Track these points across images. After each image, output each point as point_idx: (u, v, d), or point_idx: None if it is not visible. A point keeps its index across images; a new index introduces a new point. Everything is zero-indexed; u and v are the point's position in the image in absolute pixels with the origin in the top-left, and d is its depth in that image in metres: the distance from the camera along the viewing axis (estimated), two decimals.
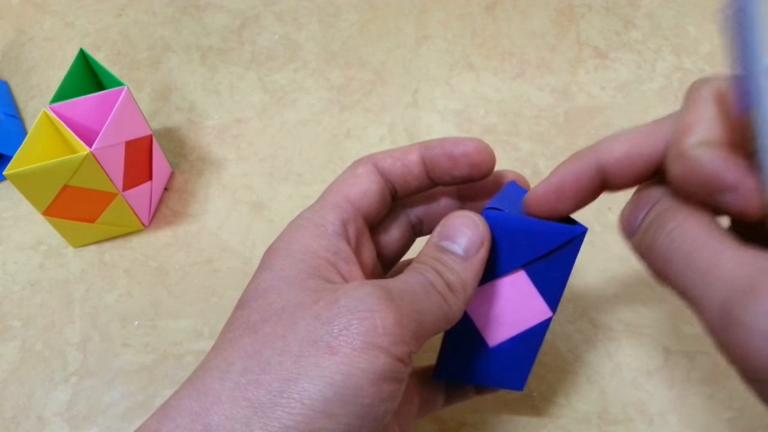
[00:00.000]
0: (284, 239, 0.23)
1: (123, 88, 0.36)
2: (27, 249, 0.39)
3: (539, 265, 0.24)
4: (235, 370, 0.20)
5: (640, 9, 0.49)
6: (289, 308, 0.21)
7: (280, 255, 0.23)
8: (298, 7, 0.51)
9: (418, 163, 0.26)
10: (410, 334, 0.20)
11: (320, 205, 0.25)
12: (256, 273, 0.23)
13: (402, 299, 0.21)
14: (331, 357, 0.19)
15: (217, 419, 0.19)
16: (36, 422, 0.33)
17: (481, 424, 0.32)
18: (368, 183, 0.25)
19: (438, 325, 0.22)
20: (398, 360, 0.20)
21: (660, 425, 0.32)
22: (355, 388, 0.19)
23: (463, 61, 0.47)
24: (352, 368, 0.19)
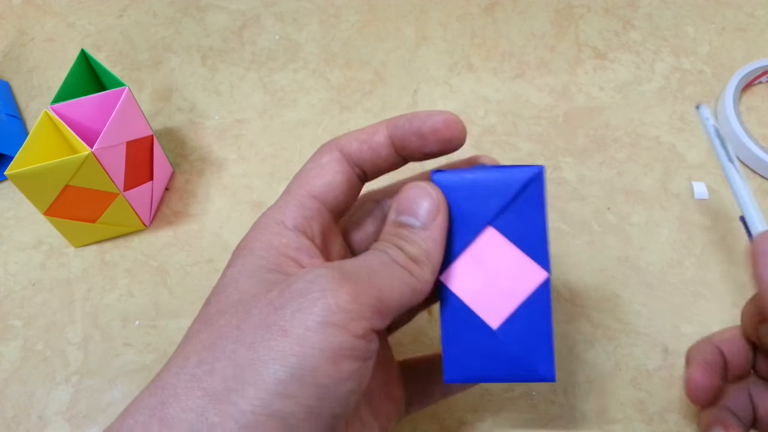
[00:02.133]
0: (248, 238, 0.23)
1: (124, 89, 0.36)
2: (28, 249, 0.39)
3: (507, 218, 0.23)
4: (191, 363, 0.20)
5: (639, 10, 0.50)
6: (245, 299, 0.21)
7: (243, 254, 0.23)
8: (299, 8, 0.51)
9: (386, 145, 0.25)
10: (370, 309, 0.20)
11: (284, 201, 0.24)
12: (222, 272, 0.23)
13: (358, 276, 0.21)
14: (284, 339, 0.19)
15: (172, 411, 0.19)
16: (37, 421, 0.33)
17: (481, 423, 0.32)
18: (333, 174, 0.24)
19: (405, 298, 0.22)
20: (358, 337, 0.20)
21: (659, 424, 0.32)
22: (311, 368, 0.19)
23: (462, 62, 0.47)
24: (307, 348, 0.19)
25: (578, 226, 0.39)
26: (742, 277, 0.36)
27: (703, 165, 0.41)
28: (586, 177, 0.41)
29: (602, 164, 0.41)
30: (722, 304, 0.35)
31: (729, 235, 0.38)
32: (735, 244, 0.37)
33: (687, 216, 0.39)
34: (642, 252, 0.37)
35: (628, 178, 0.40)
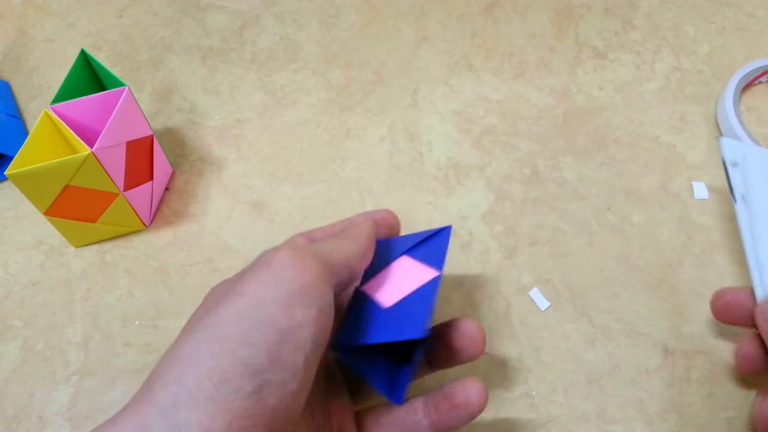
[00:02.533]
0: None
1: (124, 89, 0.36)
2: (28, 249, 0.39)
3: (418, 249, 0.30)
4: (171, 350, 0.22)
5: (639, 10, 0.50)
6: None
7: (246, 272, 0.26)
8: (299, 8, 0.51)
9: None
10: (316, 261, 0.24)
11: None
12: None
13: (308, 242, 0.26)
14: (241, 298, 0.22)
15: (163, 397, 0.21)
16: (37, 421, 0.33)
17: (480, 423, 0.32)
18: None
19: (349, 255, 0.26)
20: (306, 285, 0.23)
21: (659, 424, 0.32)
22: (267, 315, 0.22)
23: (462, 62, 0.47)
24: (260, 301, 0.22)
25: (578, 226, 0.39)
26: (742, 277, 0.36)
27: (703, 165, 0.41)
28: (586, 177, 0.41)
29: (602, 164, 0.41)
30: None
31: (729, 235, 0.38)
32: (735, 244, 0.37)
33: (687, 216, 0.39)
34: (642, 252, 0.37)
35: (628, 178, 0.40)
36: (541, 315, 0.35)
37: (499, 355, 0.34)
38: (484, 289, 0.36)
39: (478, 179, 0.41)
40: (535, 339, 0.34)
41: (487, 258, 0.37)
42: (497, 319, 0.35)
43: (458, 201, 0.40)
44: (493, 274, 0.37)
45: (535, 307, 0.36)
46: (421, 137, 0.43)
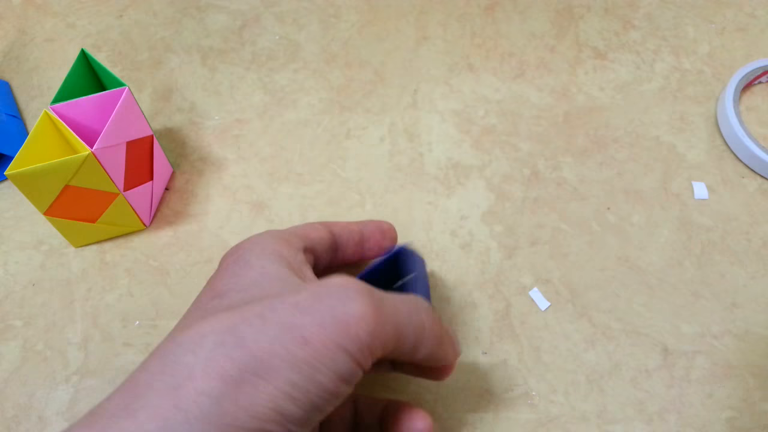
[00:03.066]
0: (254, 243, 0.25)
1: (124, 89, 0.36)
2: (28, 249, 0.39)
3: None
4: (207, 342, 0.20)
5: (639, 10, 0.50)
6: (272, 294, 0.22)
7: (255, 254, 0.24)
8: (299, 8, 0.51)
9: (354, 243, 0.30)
10: (381, 344, 0.21)
11: (283, 230, 0.27)
12: (230, 268, 0.24)
13: (386, 309, 0.22)
14: (303, 347, 0.20)
15: (188, 394, 0.19)
16: (37, 422, 0.33)
17: (480, 423, 0.32)
18: (322, 238, 0.28)
19: (409, 343, 0.23)
20: (359, 366, 0.21)
21: (659, 424, 0.32)
22: (317, 382, 0.20)
23: (462, 62, 0.47)
24: (319, 364, 0.20)
25: (578, 226, 0.39)
26: (742, 277, 0.36)
27: (703, 165, 0.41)
28: (586, 177, 0.41)
29: (602, 164, 0.41)
30: (722, 304, 0.35)
31: (729, 235, 0.38)
32: (735, 244, 0.37)
33: (687, 216, 0.39)
34: (642, 252, 0.37)
35: (628, 178, 0.40)
36: (541, 315, 0.35)
37: (499, 355, 0.34)
38: (484, 289, 0.36)
39: (478, 179, 0.41)
40: (535, 339, 0.34)
41: (487, 258, 0.37)
42: (497, 319, 0.35)
43: (458, 201, 0.40)
44: (493, 274, 0.37)
45: (535, 307, 0.36)
46: (421, 137, 0.43)
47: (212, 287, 0.24)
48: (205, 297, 0.23)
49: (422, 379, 0.33)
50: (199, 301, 0.23)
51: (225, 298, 0.22)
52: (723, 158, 0.41)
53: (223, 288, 0.23)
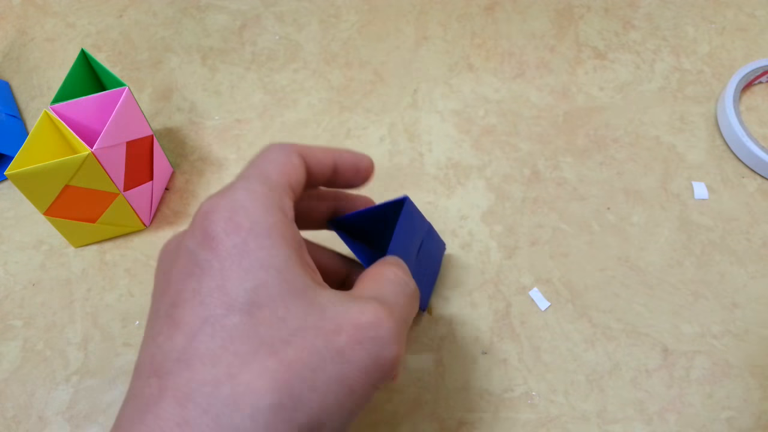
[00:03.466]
0: (249, 217, 0.20)
1: (124, 89, 0.36)
2: (28, 249, 0.39)
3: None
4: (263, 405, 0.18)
5: (639, 10, 0.50)
6: (307, 326, 0.20)
7: (259, 243, 0.20)
8: (299, 8, 0.51)
9: (330, 169, 0.26)
10: (403, 351, 0.22)
11: (264, 177, 0.22)
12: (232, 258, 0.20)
13: (404, 330, 0.22)
14: (350, 396, 0.20)
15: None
16: (37, 421, 0.33)
17: (480, 423, 0.32)
18: (301, 176, 0.24)
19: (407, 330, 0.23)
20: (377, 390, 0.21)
21: (659, 424, 0.32)
22: (354, 416, 0.20)
23: (462, 62, 0.47)
24: (360, 407, 0.20)
25: (578, 226, 0.39)
26: (742, 277, 0.36)
27: (703, 165, 0.41)
28: (586, 177, 0.41)
29: (602, 164, 0.41)
30: (722, 304, 0.35)
31: (729, 235, 0.38)
32: (735, 244, 0.37)
33: (687, 216, 0.39)
34: (642, 252, 0.37)
35: (628, 178, 0.40)
36: (541, 315, 0.35)
37: (499, 355, 0.34)
38: (484, 289, 0.36)
39: (478, 179, 0.41)
40: (535, 339, 0.34)
41: (487, 258, 0.37)
42: (497, 319, 0.35)
43: (458, 201, 0.40)
44: (493, 274, 0.37)
45: (535, 307, 0.36)
46: (421, 137, 0.43)
47: (222, 287, 0.19)
48: (215, 299, 0.19)
49: (422, 379, 0.33)
50: (208, 305, 0.19)
51: (251, 316, 0.19)
52: (723, 158, 0.41)
53: (237, 295, 0.19)
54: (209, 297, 0.19)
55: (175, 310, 0.20)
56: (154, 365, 0.19)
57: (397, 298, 0.23)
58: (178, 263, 0.21)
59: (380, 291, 0.23)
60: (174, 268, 0.21)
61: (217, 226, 0.20)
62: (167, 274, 0.21)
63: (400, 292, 0.24)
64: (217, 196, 0.21)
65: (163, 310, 0.20)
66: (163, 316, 0.20)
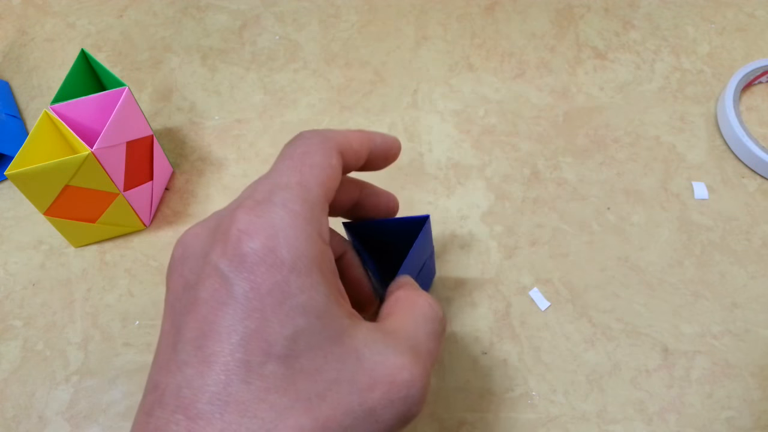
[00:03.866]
0: (290, 245, 0.19)
1: (124, 89, 0.36)
2: (28, 249, 0.39)
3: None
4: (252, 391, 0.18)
5: (639, 10, 0.50)
6: (342, 382, 0.19)
7: (298, 280, 0.19)
8: (299, 8, 0.51)
9: (364, 157, 0.25)
10: (428, 390, 0.21)
11: (313, 200, 0.21)
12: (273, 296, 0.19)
13: (430, 368, 0.22)
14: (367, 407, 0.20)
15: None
16: (37, 421, 0.33)
17: (480, 423, 0.32)
18: (338, 179, 0.23)
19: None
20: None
21: (659, 424, 0.32)
22: None
23: (462, 62, 0.47)
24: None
25: (578, 226, 0.39)
26: (742, 277, 0.36)
27: (703, 165, 0.41)
28: (586, 177, 0.41)
29: (602, 164, 0.41)
30: (722, 304, 0.35)
31: (729, 235, 0.38)
32: (735, 244, 0.37)
33: (687, 216, 0.39)
34: (642, 252, 0.37)
35: (628, 178, 0.40)
36: (541, 315, 0.35)
37: (499, 355, 0.34)
38: (484, 289, 0.36)
39: (478, 179, 0.41)
40: (535, 339, 0.34)
41: (487, 258, 0.37)
42: (497, 319, 0.35)
43: (458, 201, 0.40)
44: (493, 274, 0.37)
45: (535, 307, 0.36)
46: (421, 137, 0.43)
47: (261, 331, 0.18)
48: (254, 345, 0.18)
49: None
50: (246, 348, 0.18)
51: (288, 367, 0.18)
52: (723, 158, 0.41)
53: (276, 342, 0.18)
54: (248, 340, 0.18)
55: (206, 343, 0.18)
56: (181, 400, 0.18)
57: (429, 343, 0.22)
58: (207, 282, 0.19)
59: (416, 333, 0.22)
60: (201, 285, 0.19)
61: (255, 255, 0.18)
62: (191, 289, 0.20)
63: (433, 332, 0.23)
64: (253, 211, 0.19)
65: (191, 336, 0.19)
66: (190, 343, 0.19)
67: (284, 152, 0.22)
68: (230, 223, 0.19)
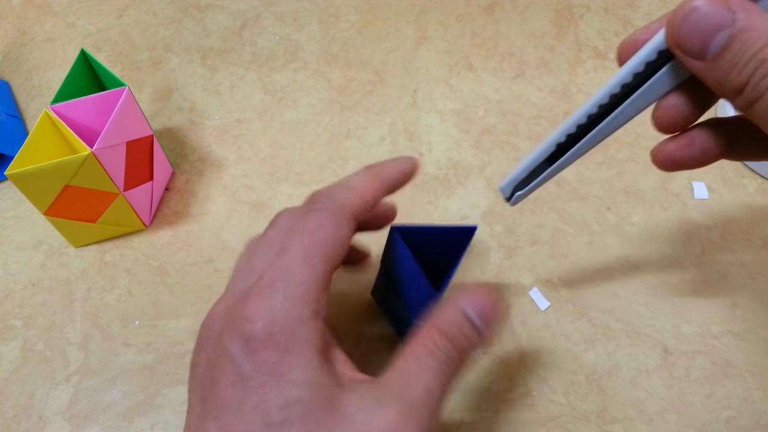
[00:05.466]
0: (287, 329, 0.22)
1: (124, 89, 0.36)
2: (28, 249, 0.39)
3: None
4: None
5: (639, 10, 0.50)
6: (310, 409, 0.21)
7: (298, 362, 0.22)
8: (299, 8, 0.51)
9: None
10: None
11: (314, 272, 0.24)
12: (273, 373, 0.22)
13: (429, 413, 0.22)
14: None
15: None
16: (37, 421, 0.33)
17: (480, 423, 0.32)
18: (348, 244, 0.25)
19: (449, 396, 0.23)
20: None
21: (659, 424, 0.32)
22: None
23: (462, 62, 0.47)
24: None
25: (578, 226, 0.39)
26: (742, 277, 0.36)
27: None
28: (586, 177, 0.41)
29: (602, 164, 0.41)
30: (722, 304, 0.35)
31: (729, 235, 0.38)
32: (735, 244, 0.37)
33: (687, 216, 0.39)
34: (642, 252, 0.37)
35: (628, 178, 0.40)
36: (541, 315, 0.35)
37: (499, 355, 0.34)
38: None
39: (478, 179, 0.41)
40: (535, 339, 0.34)
41: (487, 258, 0.37)
42: None
43: (458, 201, 0.40)
44: (493, 274, 0.37)
45: (535, 307, 0.36)
46: (421, 137, 0.43)
47: (262, 403, 0.21)
48: (256, 416, 0.21)
49: None
50: (250, 419, 0.21)
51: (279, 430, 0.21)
52: None
53: (273, 411, 0.21)
54: (252, 411, 0.21)
55: (221, 415, 0.22)
56: None
57: (432, 385, 0.23)
58: (222, 363, 0.23)
59: (413, 379, 0.23)
60: (218, 365, 0.23)
61: (257, 339, 0.22)
62: (212, 368, 0.23)
63: (440, 372, 0.23)
64: (258, 296, 0.23)
65: (211, 408, 0.22)
66: (211, 414, 0.22)
67: (299, 225, 0.25)
68: (241, 308, 0.23)
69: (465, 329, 0.24)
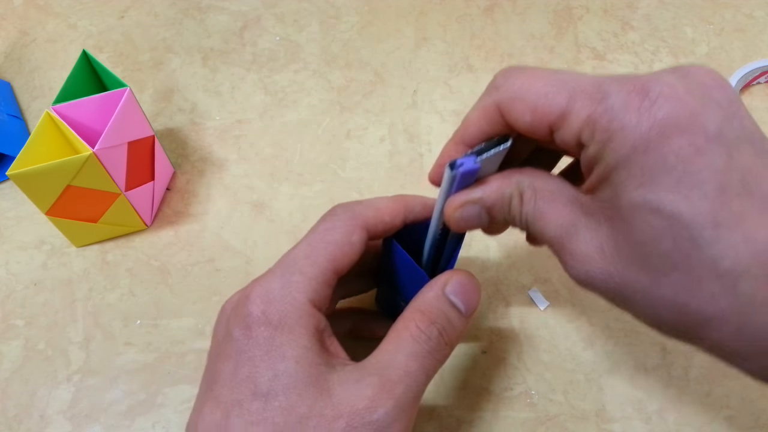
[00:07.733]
0: (288, 305, 0.24)
1: (125, 89, 0.36)
2: (30, 248, 0.39)
3: None
4: None
5: (638, 11, 0.50)
6: (311, 417, 0.22)
7: (290, 337, 0.23)
8: (299, 9, 0.51)
9: (397, 226, 0.28)
10: (409, 421, 0.23)
11: (314, 273, 0.25)
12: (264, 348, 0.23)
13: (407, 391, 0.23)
14: None
15: None
16: (38, 420, 0.33)
17: (479, 422, 0.32)
18: (358, 253, 0.26)
19: (431, 378, 0.25)
20: None
21: (658, 423, 0.32)
22: None
23: (462, 63, 0.47)
24: None
25: None
26: None
27: None
28: None
29: None
30: None
31: None
32: None
33: None
34: None
35: None
36: (540, 314, 0.35)
37: (499, 354, 0.34)
38: (483, 289, 0.36)
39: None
40: (534, 338, 0.35)
41: (486, 258, 0.38)
42: (497, 318, 0.35)
43: None
44: (493, 274, 0.37)
45: (535, 306, 0.36)
46: (421, 137, 0.43)
47: (252, 375, 0.23)
48: (245, 386, 0.23)
49: None
50: (240, 389, 0.23)
51: (268, 403, 0.22)
52: None
53: (261, 383, 0.23)
54: (242, 382, 0.23)
55: (215, 386, 0.23)
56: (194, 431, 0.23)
57: (410, 364, 0.24)
58: (226, 348, 0.24)
59: (392, 358, 0.24)
60: (221, 349, 0.24)
61: (254, 317, 0.23)
62: (217, 348, 0.25)
63: (419, 351, 0.24)
64: (261, 281, 0.25)
65: (210, 384, 0.24)
66: (206, 388, 0.24)
67: (314, 226, 0.27)
68: (247, 292, 0.25)
69: (446, 311, 0.25)
